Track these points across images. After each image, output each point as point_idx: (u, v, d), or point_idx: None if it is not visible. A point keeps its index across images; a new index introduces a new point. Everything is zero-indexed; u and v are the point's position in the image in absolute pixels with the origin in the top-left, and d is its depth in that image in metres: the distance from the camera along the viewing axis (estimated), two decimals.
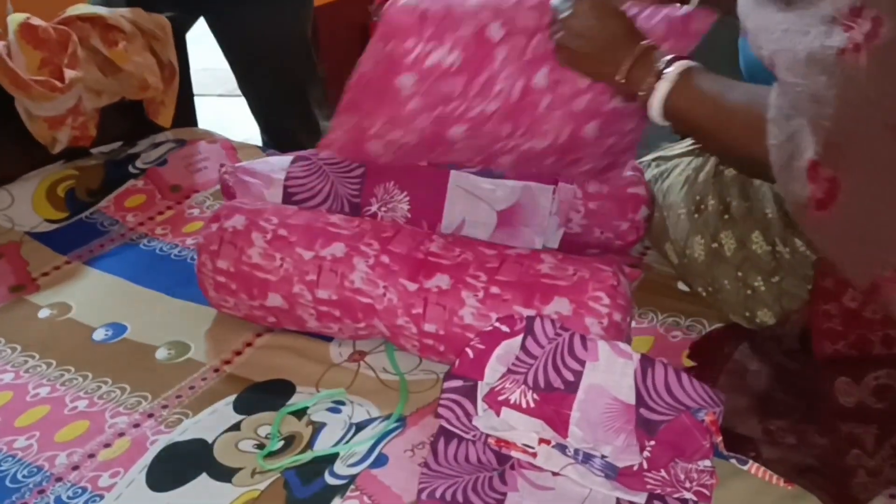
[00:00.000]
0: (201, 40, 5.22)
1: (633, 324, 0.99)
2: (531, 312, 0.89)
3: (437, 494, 0.79)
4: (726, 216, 0.97)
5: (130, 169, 1.46)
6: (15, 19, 1.32)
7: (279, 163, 1.17)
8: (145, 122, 1.54)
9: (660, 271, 1.12)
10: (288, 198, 1.12)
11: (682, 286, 1.09)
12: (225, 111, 3.65)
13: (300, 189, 1.12)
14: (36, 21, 1.34)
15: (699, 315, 1.05)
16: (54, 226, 1.33)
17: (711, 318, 1.04)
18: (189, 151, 1.50)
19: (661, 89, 0.82)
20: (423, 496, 0.79)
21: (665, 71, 0.82)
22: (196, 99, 1.74)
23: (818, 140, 0.64)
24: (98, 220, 1.35)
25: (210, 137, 1.58)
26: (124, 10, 1.48)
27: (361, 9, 2.99)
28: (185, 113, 1.64)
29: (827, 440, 0.75)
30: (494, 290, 0.93)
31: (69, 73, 1.32)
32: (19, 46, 1.31)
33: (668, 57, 0.84)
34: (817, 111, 0.63)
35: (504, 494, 0.80)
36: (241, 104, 3.97)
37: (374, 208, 1.09)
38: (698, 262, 1.01)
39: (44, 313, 1.13)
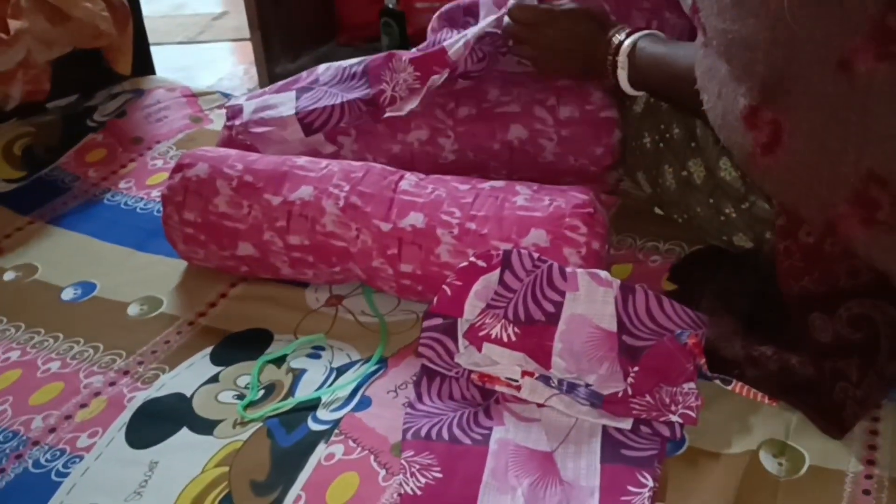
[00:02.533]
0: None
1: (612, 251, 0.98)
2: (508, 246, 0.87)
3: (423, 433, 0.78)
4: (692, 144, 0.95)
5: (88, 122, 1.41)
6: None
7: (278, 101, 1.13)
8: (100, 72, 1.49)
9: (636, 197, 1.10)
10: (308, 129, 1.10)
11: (658, 210, 1.08)
12: (187, 59, 3.56)
13: (314, 116, 1.10)
14: None
15: (678, 238, 1.04)
16: (13, 185, 1.29)
17: (690, 242, 1.02)
18: (148, 101, 1.45)
19: (621, 75, 0.94)
20: (409, 436, 0.79)
21: (620, 51, 0.93)
22: (156, 48, 1.69)
23: (754, 85, 0.63)
24: (58, 177, 1.30)
25: (168, 85, 1.53)
26: None
27: None
28: (142, 61, 1.59)
29: (811, 372, 0.75)
30: (470, 225, 0.91)
31: (14, 24, 1.26)
32: None
33: (624, 33, 0.93)
34: (751, 56, 0.62)
35: (490, 429, 0.79)
36: (203, 51, 3.87)
37: (388, 90, 1.07)
38: (670, 190, 0.99)
39: (9, 276, 1.10)
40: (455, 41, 1.04)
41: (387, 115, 1.07)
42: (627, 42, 0.92)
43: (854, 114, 0.58)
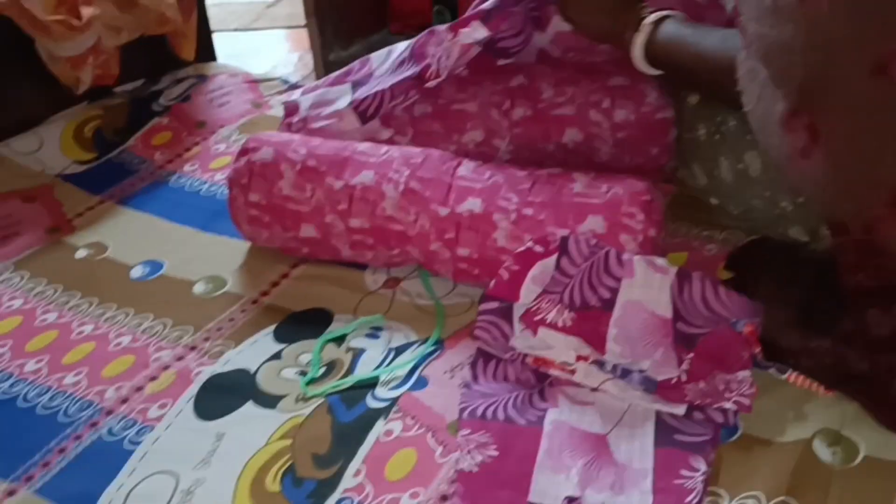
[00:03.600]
0: None
1: (667, 238, 0.99)
2: (565, 232, 0.88)
3: (479, 413, 0.81)
4: (749, 136, 0.95)
5: (154, 106, 1.45)
6: None
7: (335, 94, 1.16)
8: (166, 57, 1.53)
9: (692, 185, 1.10)
10: (364, 116, 1.12)
11: (714, 200, 1.08)
12: (242, 45, 3.62)
13: (366, 104, 1.12)
14: None
15: (734, 228, 1.04)
16: (84, 167, 1.34)
17: (746, 231, 1.02)
18: (211, 86, 1.49)
19: (639, 40, 0.93)
20: (465, 415, 0.81)
21: (644, 23, 0.93)
22: (213, 35, 1.72)
23: (791, 90, 0.63)
24: (127, 160, 1.35)
25: (231, 71, 1.57)
26: None
27: None
28: (205, 47, 1.63)
29: (867, 366, 0.75)
30: (527, 211, 0.92)
31: (85, 11, 1.31)
32: None
33: (651, 10, 0.93)
34: (788, 60, 0.62)
35: (544, 410, 0.81)
36: (258, 37, 3.93)
37: (433, 64, 1.08)
38: (726, 182, 0.99)
39: (81, 253, 1.15)
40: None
41: (429, 84, 1.08)
42: (653, 16, 0.93)
43: (890, 118, 0.59)
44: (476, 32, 1.03)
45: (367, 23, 2.63)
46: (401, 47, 1.15)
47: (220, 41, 1.79)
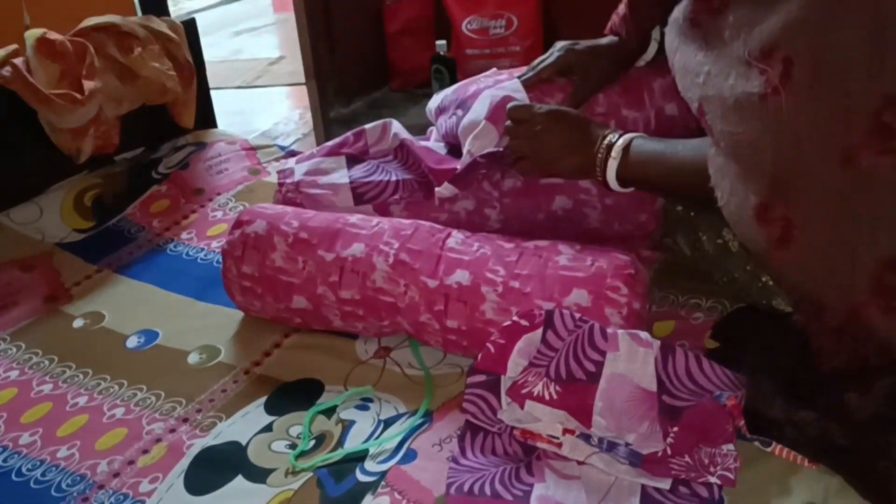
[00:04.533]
0: (215, 32, 5.26)
1: (654, 308, 1.00)
2: (551, 305, 0.90)
3: (465, 488, 0.81)
4: None
5: (153, 174, 1.49)
6: (32, 35, 1.35)
7: (329, 166, 1.19)
8: (165, 125, 1.57)
9: (678, 253, 1.12)
10: (360, 199, 1.15)
11: (699, 269, 1.09)
12: (244, 102, 3.69)
13: (368, 188, 1.16)
14: (52, 35, 1.36)
15: (720, 296, 1.05)
16: (83, 235, 1.37)
17: (732, 300, 1.04)
18: (209, 153, 1.53)
19: (612, 166, 0.94)
20: (452, 490, 0.81)
21: (613, 148, 0.94)
22: (215, 92, 1.77)
23: (762, 184, 0.65)
24: (125, 227, 1.38)
25: (229, 139, 1.60)
26: (138, 17, 1.51)
27: None
28: (204, 112, 1.67)
29: (851, 442, 0.75)
30: (514, 283, 0.94)
31: (88, 84, 1.35)
32: (38, 61, 1.33)
33: (616, 134, 0.94)
34: (757, 156, 0.64)
35: (531, 486, 0.81)
36: (260, 95, 4.00)
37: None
38: (709, 254, 1.01)
39: (78, 323, 1.17)
40: (464, 160, 1.10)
41: (438, 195, 1.12)
42: (622, 139, 0.94)
43: (863, 206, 0.60)
44: (445, 191, 1.11)
45: (368, 81, 2.68)
46: (401, 133, 1.19)
47: (223, 98, 1.83)
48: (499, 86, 1.11)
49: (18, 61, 1.32)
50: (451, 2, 3.10)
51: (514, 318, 0.90)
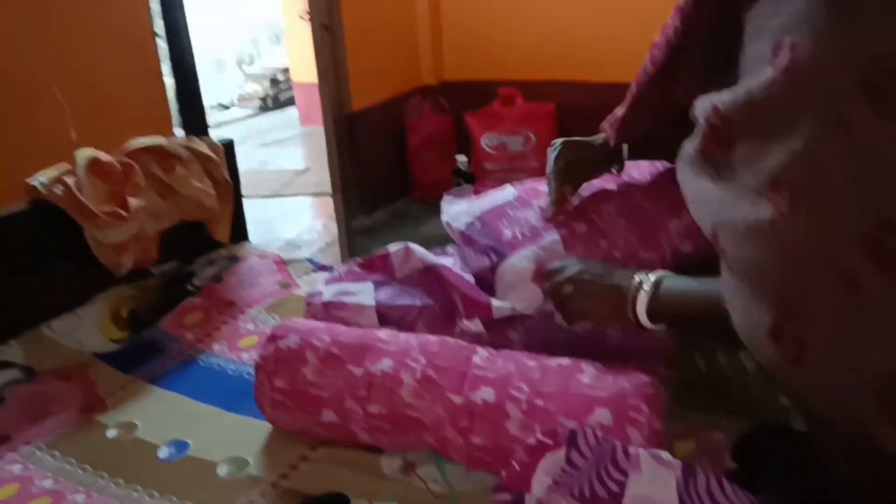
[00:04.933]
0: (245, 143, 5.46)
1: (674, 427, 1.02)
2: (574, 423, 0.93)
3: None
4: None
5: (188, 286, 1.55)
6: (84, 155, 1.44)
7: (357, 289, 1.25)
8: (201, 239, 1.64)
9: (697, 371, 1.15)
10: (384, 321, 1.20)
11: (717, 387, 1.11)
12: (272, 211, 3.81)
13: (392, 310, 1.21)
14: (102, 156, 1.45)
15: (739, 414, 1.06)
16: (119, 346, 1.41)
17: (752, 418, 1.05)
18: (242, 267, 1.59)
19: (641, 306, 0.97)
20: None
21: (642, 288, 0.98)
22: (244, 201, 1.84)
23: (773, 305, 0.68)
24: (158, 339, 1.43)
25: (261, 253, 1.67)
26: (181, 138, 1.60)
27: (396, 113, 3.14)
28: (238, 227, 1.75)
29: None
30: (538, 401, 0.97)
31: (133, 202, 1.43)
32: (88, 180, 1.42)
33: (644, 274, 0.99)
34: (769, 280, 0.68)
35: None
36: (287, 204, 4.12)
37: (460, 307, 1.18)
38: (726, 374, 1.03)
39: (111, 433, 1.20)
40: (501, 305, 1.17)
41: (459, 328, 1.17)
42: (653, 277, 0.98)
43: (865, 323, 0.63)
44: (474, 326, 1.17)
45: (390, 192, 2.77)
46: (426, 258, 1.26)
47: (251, 207, 1.91)
48: (539, 243, 1.19)
49: (69, 180, 1.40)
50: (471, 119, 3.24)
51: (539, 436, 0.92)
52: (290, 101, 6.33)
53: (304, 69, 4.81)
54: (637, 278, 0.99)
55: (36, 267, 1.42)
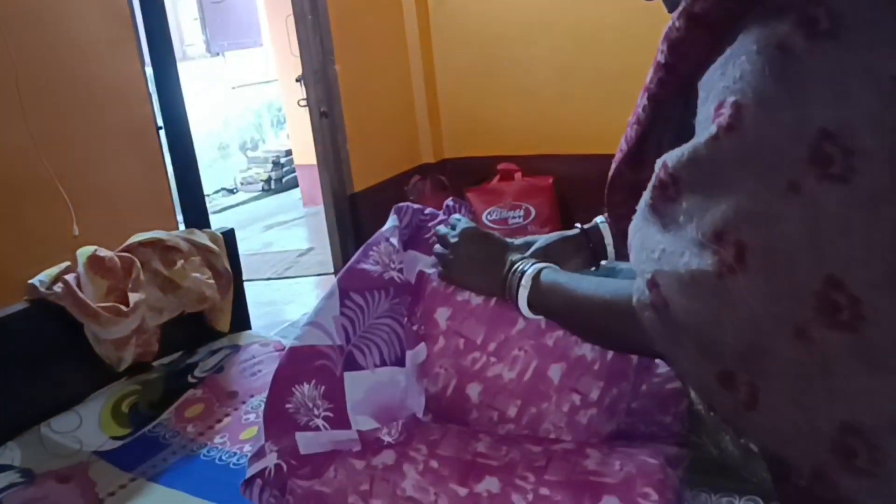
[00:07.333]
0: (248, 226, 5.53)
1: None
2: None
3: None
4: None
5: (189, 378, 1.53)
6: (84, 252, 1.45)
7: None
8: (202, 329, 1.64)
9: (706, 450, 1.12)
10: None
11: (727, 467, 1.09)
12: (274, 293, 3.82)
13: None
14: (102, 252, 1.46)
15: (752, 493, 1.04)
16: (120, 443, 1.39)
17: (765, 497, 1.02)
18: (243, 356, 1.58)
19: (523, 293, 1.00)
20: None
21: (524, 276, 1.00)
22: (246, 284, 1.84)
23: (723, 355, 0.68)
24: (160, 434, 1.41)
25: (262, 341, 1.66)
26: (181, 231, 1.62)
27: (398, 191, 3.18)
28: (239, 315, 1.74)
29: None
30: (544, 491, 0.94)
31: (133, 297, 1.43)
32: (88, 277, 1.42)
33: (528, 262, 1.02)
34: (716, 330, 0.67)
35: None
36: (289, 286, 4.12)
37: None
38: (734, 455, 1.01)
39: None
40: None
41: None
42: (532, 268, 1.01)
43: (818, 375, 0.63)
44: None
45: None
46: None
47: (254, 289, 1.91)
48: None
49: (70, 277, 1.41)
50: (472, 195, 3.28)
51: None
52: (293, 183, 6.43)
53: (306, 152, 4.91)
54: (520, 265, 1.03)
55: (35, 366, 1.41)
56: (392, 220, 1.21)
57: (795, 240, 0.63)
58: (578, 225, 1.21)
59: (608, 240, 1.19)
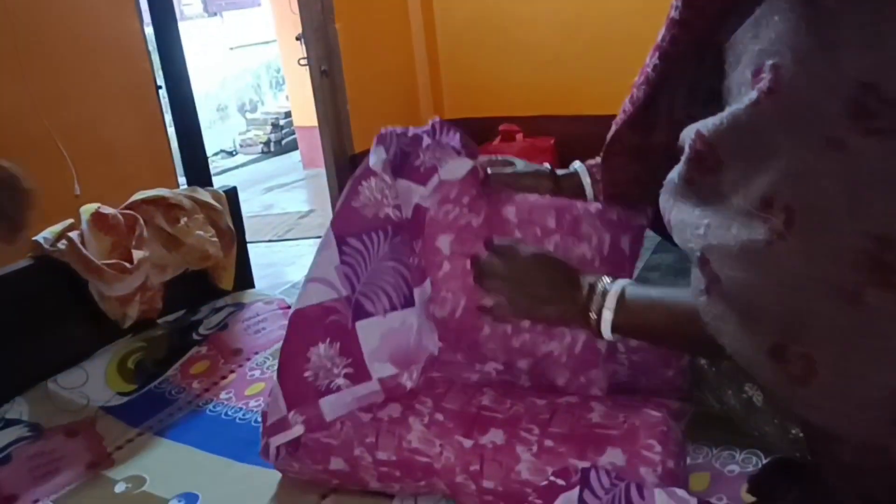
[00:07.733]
0: (248, 188, 5.47)
1: (689, 460, 1.00)
2: (586, 464, 0.91)
3: None
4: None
5: (194, 336, 1.54)
6: (87, 210, 1.45)
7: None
8: (206, 287, 1.64)
9: (708, 405, 1.13)
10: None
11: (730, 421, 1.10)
12: (275, 255, 3.81)
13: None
14: (105, 209, 1.46)
15: (753, 446, 1.05)
16: (126, 398, 1.41)
17: (766, 450, 1.04)
18: (247, 314, 1.59)
19: (606, 317, 0.90)
20: None
21: (606, 297, 0.91)
22: (250, 246, 1.84)
23: (773, 325, 0.66)
24: (166, 390, 1.42)
25: (266, 298, 1.67)
26: (184, 189, 1.61)
27: None
28: (243, 274, 1.75)
29: None
30: (548, 443, 0.95)
31: (137, 254, 1.43)
32: (92, 234, 1.42)
33: (607, 281, 0.92)
34: (767, 300, 0.66)
35: None
36: (289, 248, 4.12)
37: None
38: (736, 409, 1.02)
39: (119, 487, 1.19)
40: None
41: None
42: (616, 287, 0.91)
43: (873, 341, 0.62)
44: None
45: None
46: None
47: (255, 251, 1.91)
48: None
49: (74, 235, 1.41)
50: None
51: (551, 477, 0.91)
52: (293, 146, 6.39)
53: (306, 113, 4.86)
54: (600, 285, 0.93)
55: (41, 322, 1.42)
56: (379, 153, 1.10)
57: (839, 197, 0.61)
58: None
59: (586, 181, 1.16)
